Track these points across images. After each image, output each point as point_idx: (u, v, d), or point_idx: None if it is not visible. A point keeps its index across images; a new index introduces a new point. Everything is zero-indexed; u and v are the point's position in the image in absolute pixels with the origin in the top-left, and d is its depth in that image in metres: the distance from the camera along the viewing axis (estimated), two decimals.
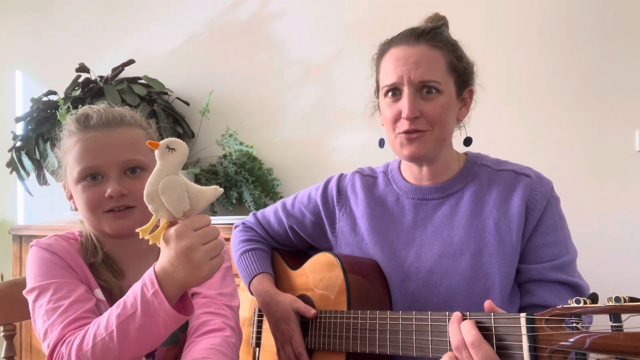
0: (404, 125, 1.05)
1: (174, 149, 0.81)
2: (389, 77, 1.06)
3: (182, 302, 0.88)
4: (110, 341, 0.83)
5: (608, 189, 1.88)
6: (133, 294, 0.84)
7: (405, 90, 1.04)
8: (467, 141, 1.14)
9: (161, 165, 0.81)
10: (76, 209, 1.05)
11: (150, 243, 0.83)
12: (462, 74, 1.08)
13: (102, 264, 1.02)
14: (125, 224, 0.99)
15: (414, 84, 1.03)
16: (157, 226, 0.85)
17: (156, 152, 0.81)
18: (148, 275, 0.84)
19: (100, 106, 1.05)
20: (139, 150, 1.01)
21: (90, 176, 0.99)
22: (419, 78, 1.03)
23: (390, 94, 1.07)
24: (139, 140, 1.03)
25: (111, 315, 0.85)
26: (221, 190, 0.84)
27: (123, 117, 1.03)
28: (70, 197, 1.06)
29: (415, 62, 1.03)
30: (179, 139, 0.81)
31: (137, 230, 0.82)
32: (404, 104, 1.04)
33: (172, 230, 0.81)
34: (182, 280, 0.82)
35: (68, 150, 1.02)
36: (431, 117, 1.04)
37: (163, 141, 0.81)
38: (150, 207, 0.81)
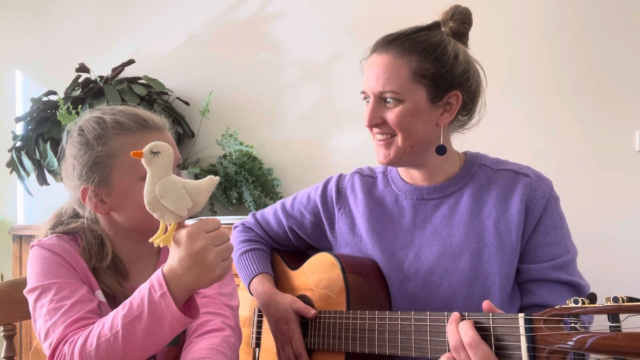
0: (373, 129, 1.10)
1: (157, 152, 0.81)
2: (363, 85, 1.11)
3: (188, 304, 0.88)
4: (115, 342, 0.83)
5: (608, 189, 1.88)
6: (140, 295, 0.85)
7: (370, 99, 1.08)
8: (440, 150, 1.09)
9: (151, 172, 0.81)
10: (105, 212, 1.01)
11: (161, 246, 0.83)
12: (438, 79, 1.04)
13: (107, 270, 1.01)
14: None
15: (374, 95, 1.07)
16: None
17: (142, 160, 0.81)
18: (156, 277, 0.84)
19: (133, 108, 1.05)
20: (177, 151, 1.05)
21: None
22: (377, 89, 1.06)
23: (365, 101, 1.10)
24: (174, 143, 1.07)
25: (116, 316, 0.85)
26: (217, 178, 0.85)
27: (165, 124, 1.06)
28: (98, 201, 1.00)
29: (377, 73, 1.06)
30: (159, 142, 0.82)
31: (150, 240, 0.83)
32: (365, 111, 1.08)
33: (184, 232, 0.82)
34: (192, 282, 0.82)
35: (124, 150, 0.98)
36: (392, 125, 1.06)
37: (145, 148, 0.81)
38: (155, 215, 0.82)
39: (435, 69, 1.04)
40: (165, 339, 0.86)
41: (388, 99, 1.05)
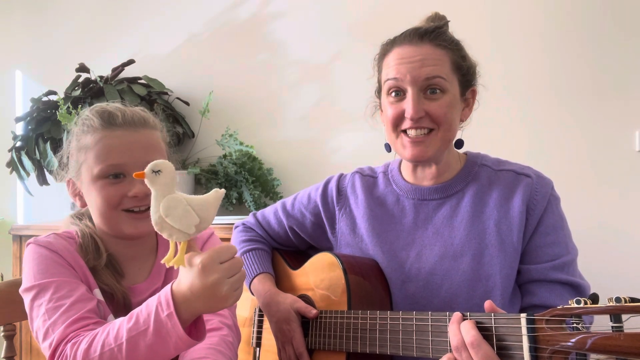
0: (407, 124, 1.05)
1: (159, 170, 0.79)
2: (392, 74, 1.06)
3: (195, 323, 0.86)
4: (119, 353, 0.83)
5: (608, 189, 1.88)
6: (147, 310, 0.83)
7: (410, 90, 1.04)
8: (459, 143, 1.12)
9: (155, 191, 0.79)
10: (82, 206, 1.04)
11: (175, 267, 0.81)
12: (465, 74, 1.09)
13: (105, 268, 1.01)
14: (144, 226, 0.99)
15: (418, 83, 1.03)
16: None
17: (145, 180, 0.79)
18: (164, 295, 0.83)
19: (117, 104, 1.05)
20: (159, 152, 1.03)
21: (113, 175, 0.98)
22: (425, 75, 1.02)
23: (393, 93, 1.07)
24: (158, 142, 1.05)
25: (122, 327, 0.84)
26: (223, 191, 0.83)
27: (147, 120, 1.04)
28: (77, 195, 1.04)
29: (421, 60, 1.03)
30: (160, 159, 0.80)
31: (162, 261, 0.81)
32: (408, 104, 1.04)
33: (198, 261, 0.79)
34: (202, 308, 0.82)
35: (89, 147, 1.00)
36: (436, 117, 1.04)
37: (147, 168, 0.79)
38: (164, 235, 0.80)
39: (465, 64, 1.07)
40: (168, 357, 0.85)
41: (434, 89, 1.04)
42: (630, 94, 1.86)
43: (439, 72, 1.03)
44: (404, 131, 1.07)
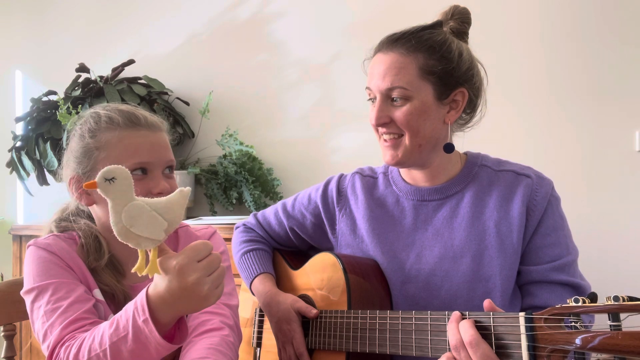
0: (380, 129, 1.09)
1: (112, 178, 0.72)
2: (367, 83, 1.10)
3: (178, 323, 0.85)
4: (104, 358, 0.83)
5: (608, 189, 1.88)
6: (125, 315, 0.82)
7: (377, 98, 1.07)
8: (447, 147, 1.09)
9: (112, 200, 0.73)
10: (88, 204, 1.02)
11: (150, 276, 0.78)
12: (444, 77, 1.05)
13: (105, 268, 1.01)
14: None
15: (382, 93, 1.06)
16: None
17: (98, 191, 0.73)
18: (140, 300, 0.81)
19: (130, 106, 1.06)
20: (172, 153, 1.05)
21: (141, 170, 0.99)
22: (385, 87, 1.05)
23: (371, 101, 1.10)
24: (169, 144, 1.07)
25: (105, 333, 0.83)
26: (188, 189, 0.78)
27: (162, 123, 1.06)
28: (82, 193, 1.02)
29: (385, 69, 1.05)
30: (111, 165, 0.73)
31: (132, 270, 0.76)
32: (373, 111, 1.07)
33: (174, 263, 0.76)
34: (183, 309, 0.80)
35: (110, 144, 0.99)
36: (400, 124, 1.06)
37: (98, 177, 0.72)
38: (130, 245, 0.75)
39: (442, 66, 1.04)
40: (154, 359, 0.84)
41: (395, 98, 1.05)
42: (630, 94, 1.86)
43: (399, 82, 1.04)
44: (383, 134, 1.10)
